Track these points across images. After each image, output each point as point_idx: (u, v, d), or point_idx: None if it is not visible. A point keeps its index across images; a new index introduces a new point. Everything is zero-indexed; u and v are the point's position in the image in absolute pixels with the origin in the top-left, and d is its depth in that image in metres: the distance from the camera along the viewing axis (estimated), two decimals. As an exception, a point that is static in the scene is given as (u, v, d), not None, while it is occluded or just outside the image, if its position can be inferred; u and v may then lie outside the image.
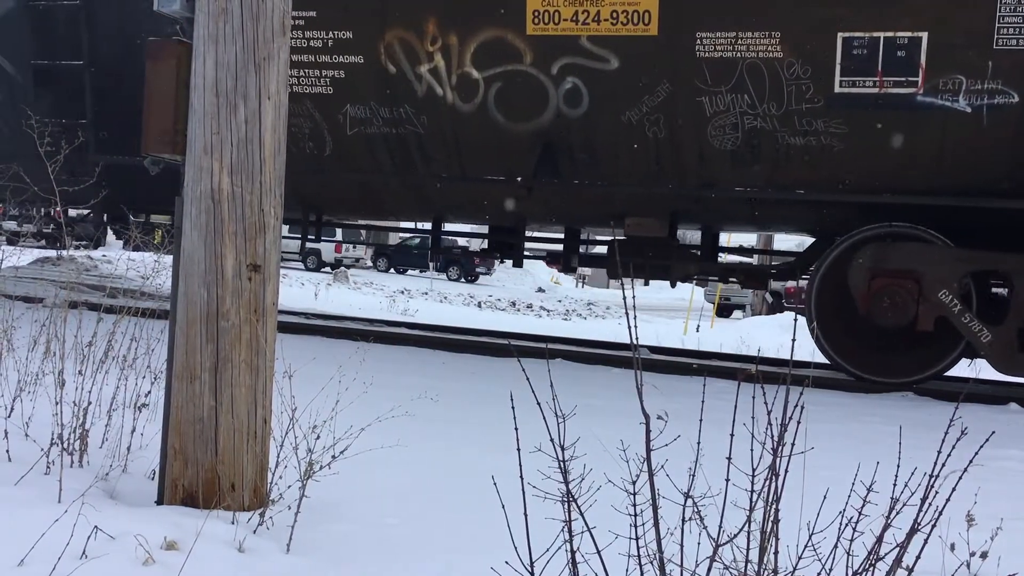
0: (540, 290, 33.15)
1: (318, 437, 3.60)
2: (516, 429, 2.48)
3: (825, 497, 2.54)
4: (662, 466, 2.45)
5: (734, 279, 10.60)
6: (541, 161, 8.98)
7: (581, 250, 11.57)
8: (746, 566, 2.44)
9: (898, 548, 2.42)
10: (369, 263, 36.51)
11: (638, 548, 2.43)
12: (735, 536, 2.43)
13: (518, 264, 11.26)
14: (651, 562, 2.44)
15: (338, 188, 10.24)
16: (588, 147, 8.90)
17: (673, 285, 10.31)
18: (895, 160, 8.24)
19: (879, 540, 2.40)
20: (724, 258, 11.73)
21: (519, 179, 9.27)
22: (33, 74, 10.91)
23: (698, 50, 8.27)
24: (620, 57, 8.42)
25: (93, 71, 10.51)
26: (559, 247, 11.28)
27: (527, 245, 11.62)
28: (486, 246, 11.55)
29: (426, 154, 9.43)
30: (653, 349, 11.90)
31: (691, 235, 12.62)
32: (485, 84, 8.88)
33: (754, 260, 13.99)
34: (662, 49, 8.35)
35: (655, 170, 8.81)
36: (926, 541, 2.42)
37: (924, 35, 7.86)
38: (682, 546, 2.43)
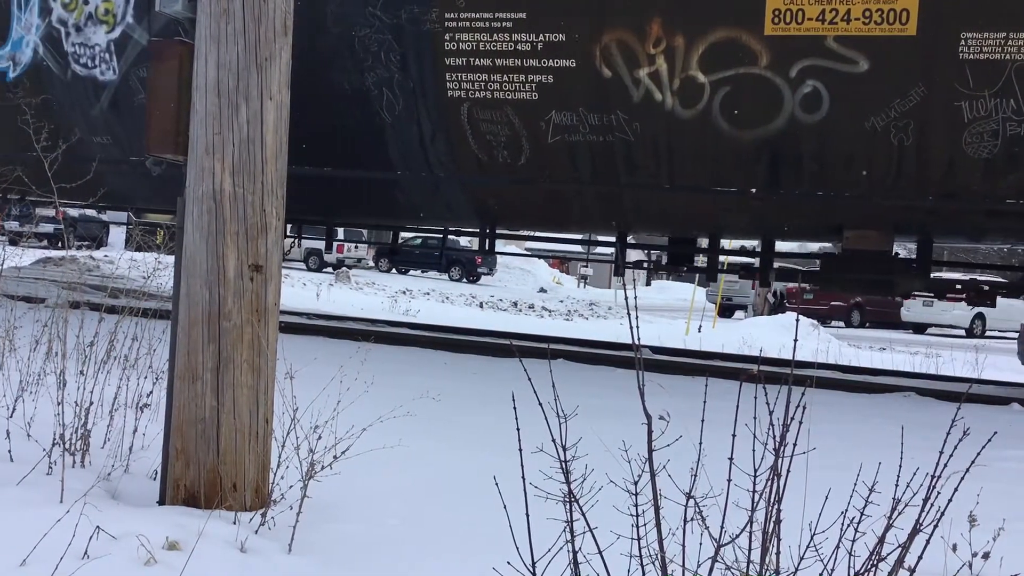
0: (542, 290, 33.13)
1: (319, 437, 3.60)
2: (518, 429, 2.48)
3: (827, 497, 2.54)
4: (664, 466, 2.45)
5: (958, 295, 10.04)
6: (762, 170, 8.42)
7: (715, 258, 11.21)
8: (748, 566, 2.44)
9: (900, 549, 2.42)
10: (371, 263, 36.51)
11: (640, 548, 2.43)
12: (737, 536, 2.43)
13: (712, 278, 10.76)
14: (653, 562, 2.44)
15: (524, 198, 9.64)
16: (819, 155, 8.28)
17: (896, 300, 9.98)
18: None
19: (881, 540, 2.40)
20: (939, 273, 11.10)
21: (733, 189, 8.63)
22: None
23: (961, 51, 7.69)
24: (870, 58, 7.85)
25: None
26: (747, 259, 10.84)
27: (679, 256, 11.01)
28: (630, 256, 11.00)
29: (632, 163, 8.79)
30: (655, 349, 11.90)
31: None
32: (711, 88, 8.28)
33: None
34: (920, 50, 7.78)
35: (891, 179, 8.18)
36: (928, 541, 2.41)
37: None
38: (684, 546, 2.43)
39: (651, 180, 8.84)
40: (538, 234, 12.84)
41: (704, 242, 10.93)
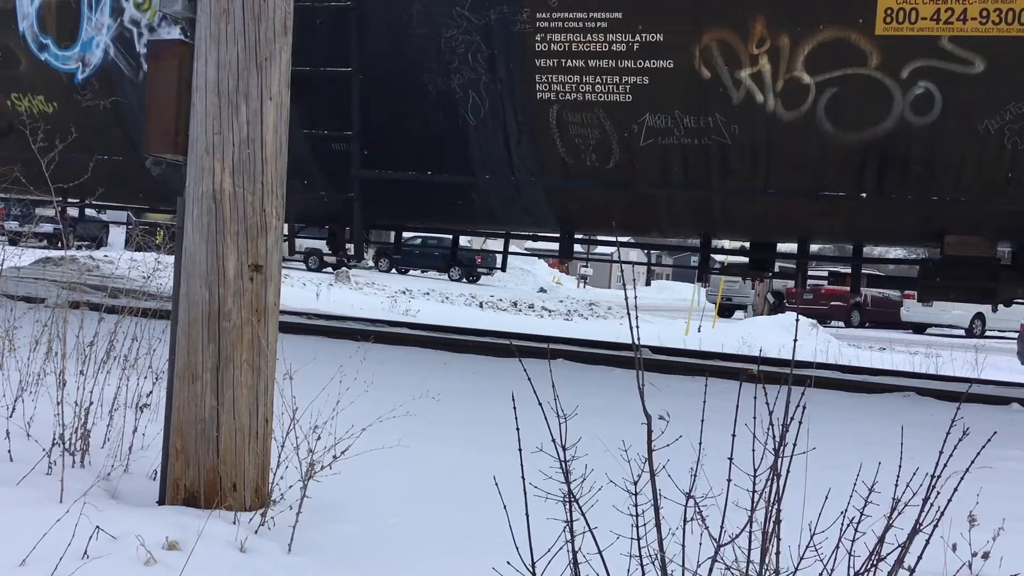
0: (542, 290, 33.14)
1: (319, 437, 3.60)
2: (518, 429, 2.48)
3: (827, 497, 2.54)
4: (663, 466, 2.45)
5: None
6: (865, 174, 8.19)
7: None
8: (748, 566, 2.44)
9: (900, 548, 2.42)
10: (371, 263, 36.51)
11: (639, 548, 2.43)
12: (737, 536, 2.43)
13: (801, 285, 10.48)
14: (652, 562, 2.44)
15: (610, 202, 9.32)
16: (928, 158, 8.05)
17: (995, 309, 9.61)
18: None
19: (881, 540, 2.40)
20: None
21: (832, 193, 8.38)
22: (292, 81, 9.96)
23: None
24: (987, 59, 7.65)
25: (361, 78, 9.29)
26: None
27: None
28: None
29: (726, 167, 8.56)
30: (655, 349, 11.90)
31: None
32: (816, 90, 8.05)
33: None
34: None
35: (1001, 183, 7.96)
36: (928, 541, 2.42)
37: None
38: (684, 546, 2.43)
39: (745, 184, 8.60)
40: (621, 238, 12.49)
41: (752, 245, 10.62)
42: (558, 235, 10.27)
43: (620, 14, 8.36)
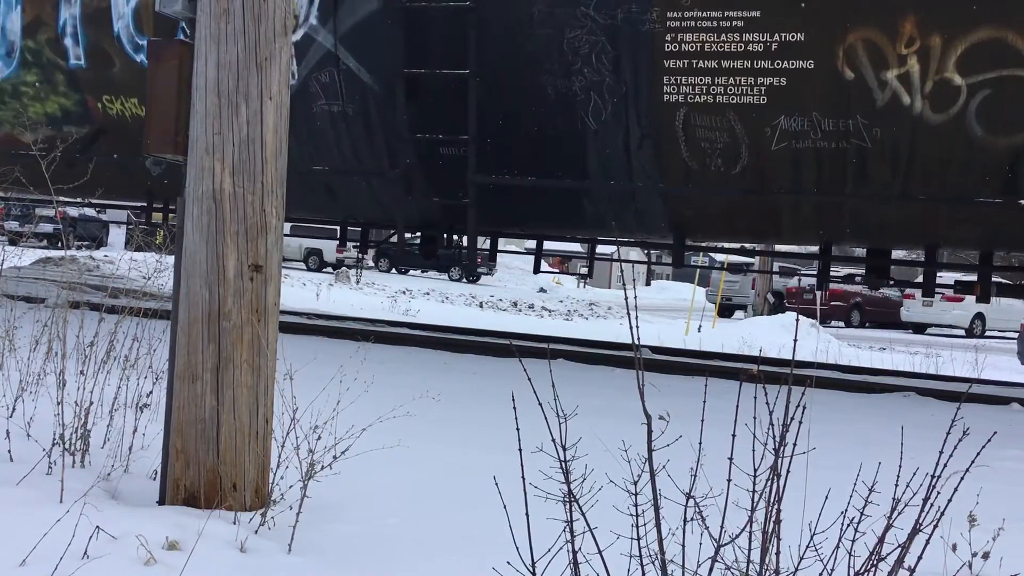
0: (542, 290, 33.13)
1: (319, 437, 3.60)
2: (518, 429, 2.48)
3: (827, 497, 2.54)
4: (663, 466, 2.45)
5: None
6: (1015, 179, 7.82)
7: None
8: (748, 566, 2.44)
9: (900, 548, 2.42)
10: (371, 263, 36.51)
11: (639, 548, 2.43)
12: (737, 536, 2.43)
13: (928, 294, 10.07)
14: (653, 562, 2.44)
15: (732, 209, 9.02)
16: None
17: None
18: None
19: (881, 540, 2.40)
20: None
21: (980, 199, 8.02)
22: (405, 84, 9.20)
23: None
24: None
25: (478, 81, 8.90)
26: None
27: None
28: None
29: (863, 171, 8.20)
30: (655, 349, 11.90)
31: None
32: (968, 92, 7.68)
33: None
34: None
35: None
36: (928, 541, 2.42)
37: None
38: (684, 546, 2.43)
39: (881, 189, 8.23)
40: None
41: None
42: (670, 242, 9.88)
43: (758, 12, 8.03)
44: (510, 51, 8.83)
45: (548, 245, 12.47)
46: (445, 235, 11.00)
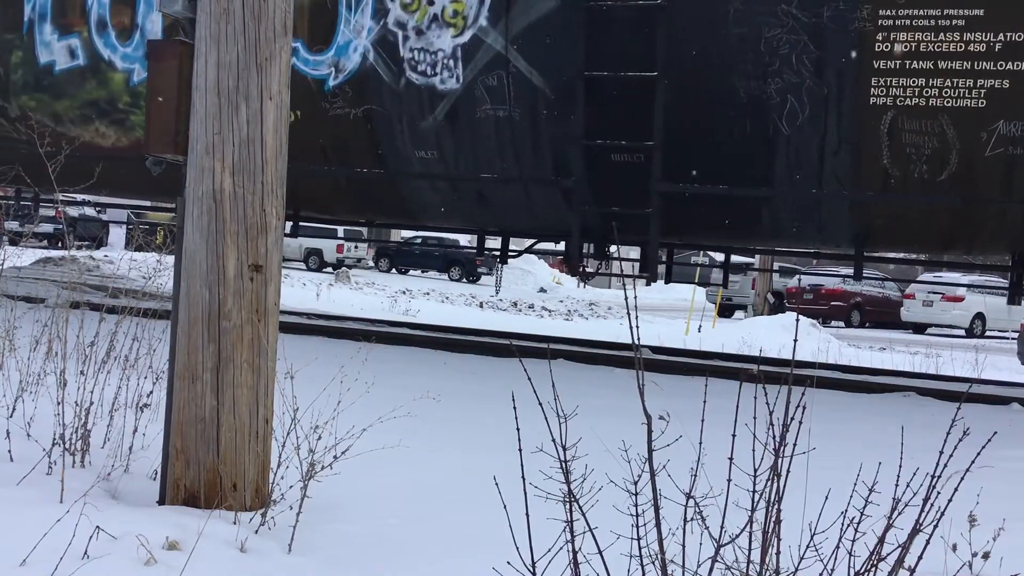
0: (542, 290, 33.12)
1: (319, 437, 3.60)
2: (518, 429, 2.48)
3: (827, 498, 2.54)
4: (664, 466, 2.45)
5: None
6: None
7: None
8: (748, 566, 2.44)
9: (900, 549, 2.42)
10: (371, 263, 36.51)
11: (640, 548, 2.43)
12: (737, 536, 2.43)
13: None
14: (653, 562, 2.44)
15: (927, 217, 8.56)
16: None
17: None
18: None
19: (881, 540, 2.40)
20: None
21: None
22: (585, 87, 8.71)
23: None
24: None
25: (666, 84, 8.39)
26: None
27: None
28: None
29: None
30: (655, 349, 11.90)
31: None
32: None
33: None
34: None
35: None
36: (928, 542, 2.42)
37: None
38: (684, 546, 2.43)
39: None
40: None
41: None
42: (851, 252, 9.41)
43: (981, 11, 7.63)
44: (700, 52, 8.41)
45: (549, 246, 12.37)
46: (592, 246, 10.24)
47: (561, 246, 11.01)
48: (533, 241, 11.49)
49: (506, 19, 8.96)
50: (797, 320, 2.88)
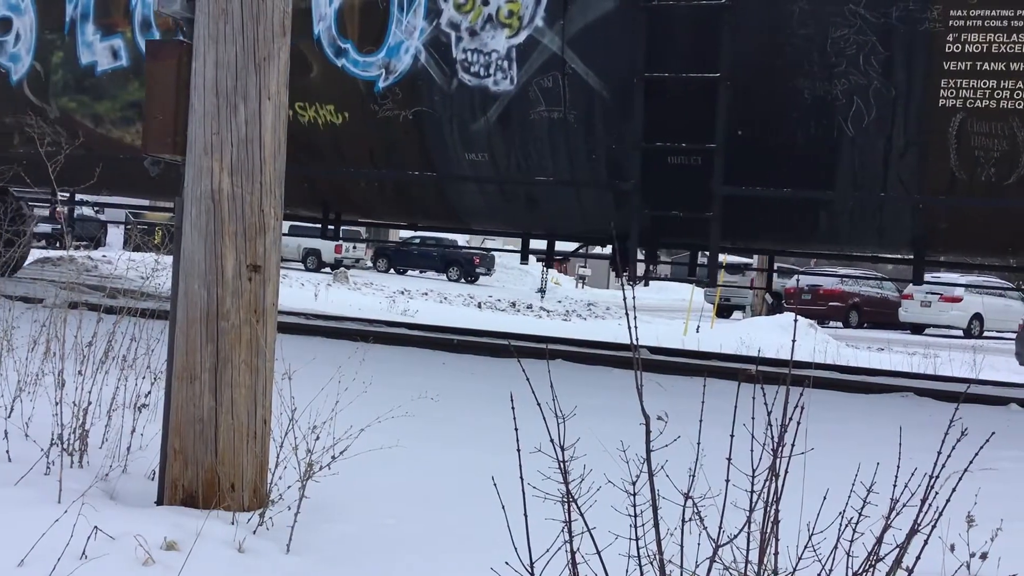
0: (540, 291, 33.13)
1: (317, 438, 3.60)
2: (516, 429, 2.48)
3: (825, 498, 2.54)
4: (662, 467, 2.45)
5: None
6: None
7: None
8: (746, 567, 2.44)
9: (898, 549, 2.42)
10: (369, 263, 36.51)
11: (638, 549, 2.43)
12: (735, 537, 2.43)
13: None
14: (651, 563, 2.44)
15: (993, 222, 8.41)
16: None
17: None
18: None
19: (879, 541, 2.40)
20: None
21: None
22: (644, 88, 8.51)
23: None
24: None
25: (729, 85, 8.22)
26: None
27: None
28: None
29: None
30: (653, 350, 11.90)
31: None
32: None
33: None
34: None
35: None
36: (926, 542, 2.42)
37: None
38: (682, 547, 2.44)
39: None
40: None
41: None
42: (910, 257, 9.29)
43: None
44: (764, 52, 8.28)
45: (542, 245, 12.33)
46: (640, 250, 10.07)
47: (607, 249, 10.87)
48: (578, 245, 11.42)
49: (563, 19, 8.80)
50: (795, 320, 2.88)
